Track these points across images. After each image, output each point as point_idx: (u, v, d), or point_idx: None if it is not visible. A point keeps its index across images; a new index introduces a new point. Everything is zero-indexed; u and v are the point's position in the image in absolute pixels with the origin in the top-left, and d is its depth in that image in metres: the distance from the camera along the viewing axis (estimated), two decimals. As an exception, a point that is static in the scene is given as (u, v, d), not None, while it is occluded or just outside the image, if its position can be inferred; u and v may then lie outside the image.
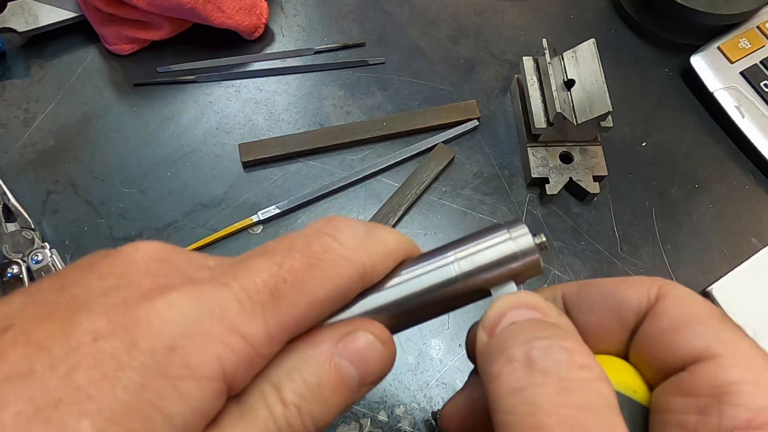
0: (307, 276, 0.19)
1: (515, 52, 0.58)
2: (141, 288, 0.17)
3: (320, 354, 0.19)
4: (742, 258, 0.50)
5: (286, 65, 0.57)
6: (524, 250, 0.21)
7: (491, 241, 0.22)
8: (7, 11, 0.53)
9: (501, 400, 0.18)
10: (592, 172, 0.51)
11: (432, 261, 0.22)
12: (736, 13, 0.54)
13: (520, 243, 0.21)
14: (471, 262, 0.21)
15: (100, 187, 0.51)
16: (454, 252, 0.22)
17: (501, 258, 0.21)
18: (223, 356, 0.16)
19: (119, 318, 0.16)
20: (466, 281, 0.21)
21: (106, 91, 0.55)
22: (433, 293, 0.21)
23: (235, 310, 0.17)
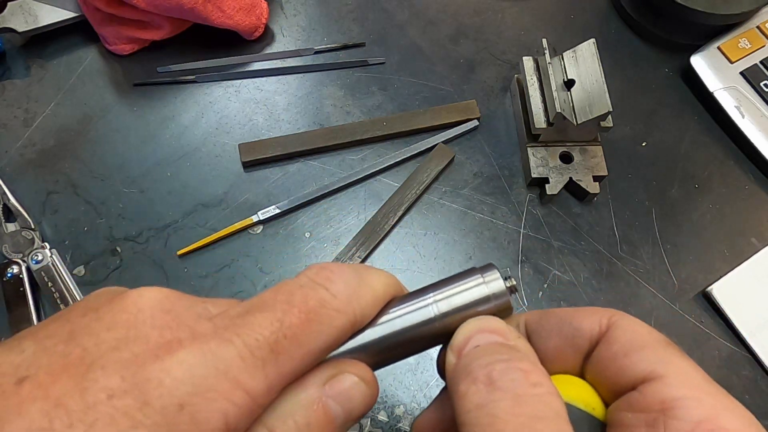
0: (305, 331, 0.20)
1: (515, 52, 0.58)
2: (149, 343, 0.18)
3: (309, 396, 0.21)
4: (742, 258, 0.50)
5: (286, 65, 0.57)
6: (496, 294, 0.24)
7: (466, 285, 0.24)
8: (7, 11, 0.53)
9: (467, 415, 0.20)
10: (592, 172, 0.51)
11: (413, 302, 0.24)
12: (736, 13, 0.54)
13: (492, 287, 0.24)
14: (448, 304, 0.24)
15: (100, 187, 0.51)
16: (433, 294, 0.24)
17: (475, 300, 0.24)
18: (227, 411, 0.18)
19: (131, 375, 0.17)
20: (443, 321, 0.24)
21: (106, 91, 0.55)
22: (412, 332, 0.24)
23: (238, 366, 0.18)
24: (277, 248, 0.49)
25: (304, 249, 0.49)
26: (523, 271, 0.49)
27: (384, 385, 0.45)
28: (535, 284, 0.49)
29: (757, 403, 0.45)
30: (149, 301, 0.20)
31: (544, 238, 0.50)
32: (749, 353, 0.47)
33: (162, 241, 0.49)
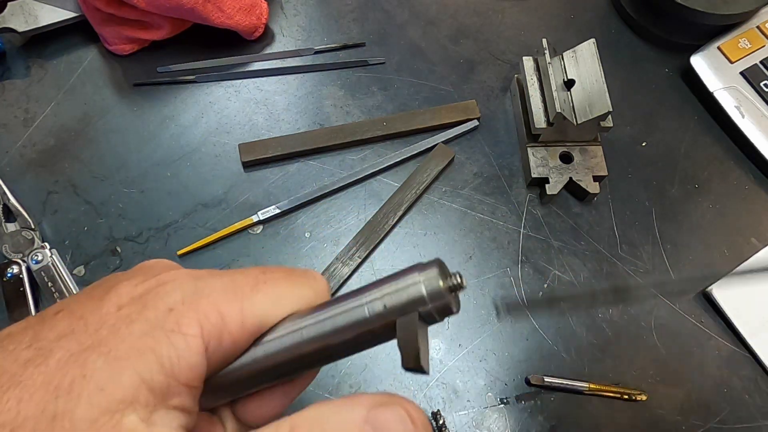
0: (282, 284, 0.23)
1: (515, 52, 0.58)
2: (154, 272, 0.23)
3: (352, 414, 0.20)
4: (742, 258, 0.50)
5: (286, 65, 0.57)
6: (432, 294, 0.22)
7: (403, 283, 0.23)
8: (7, 11, 0.53)
9: None
10: (592, 172, 0.51)
11: (347, 302, 0.23)
12: (736, 13, 0.54)
13: (428, 286, 0.22)
14: (381, 305, 0.22)
15: (100, 187, 0.51)
16: (369, 294, 0.23)
17: (410, 301, 0.22)
18: (203, 323, 0.21)
19: (138, 291, 0.22)
20: (377, 322, 0.22)
21: (106, 91, 0.55)
22: (346, 332, 0.23)
23: (219, 293, 0.22)
24: (277, 248, 0.49)
25: (304, 249, 0.49)
26: (523, 271, 0.49)
27: (384, 384, 0.45)
28: (535, 284, 0.49)
29: (757, 404, 0.46)
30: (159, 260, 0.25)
31: (544, 238, 0.50)
32: (749, 353, 0.47)
33: (162, 241, 0.49)
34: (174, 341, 0.20)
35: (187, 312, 0.21)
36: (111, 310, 0.21)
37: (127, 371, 0.19)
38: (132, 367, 0.20)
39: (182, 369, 0.20)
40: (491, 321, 0.47)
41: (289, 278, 0.24)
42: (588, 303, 0.48)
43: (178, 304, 0.21)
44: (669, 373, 0.46)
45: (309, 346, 0.23)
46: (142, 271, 0.24)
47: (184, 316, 0.21)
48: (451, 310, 0.23)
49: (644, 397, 0.45)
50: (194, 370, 0.21)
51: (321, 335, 0.23)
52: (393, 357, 0.46)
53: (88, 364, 0.19)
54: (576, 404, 0.45)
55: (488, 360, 0.46)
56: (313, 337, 0.23)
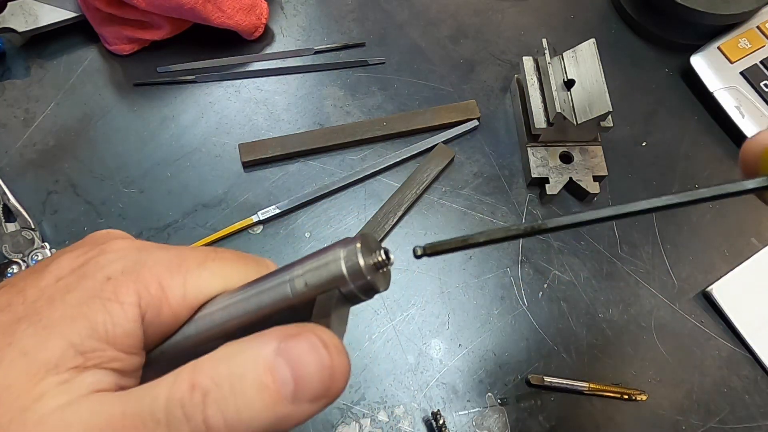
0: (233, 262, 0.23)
1: (515, 52, 0.58)
2: (99, 242, 0.23)
3: (262, 349, 0.19)
4: (742, 258, 0.50)
5: (286, 65, 0.57)
6: (353, 272, 0.21)
7: (324, 260, 0.21)
8: (7, 11, 0.53)
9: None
10: (592, 172, 0.50)
11: (273, 278, 0.22)
12: (736, 13, 0.54)
13: (348, 263, 0.21)
14: (303, 282, 0.21)
15: (100, 187, 0.51)
16: (292, 270, 0.22)
17: (330, 279, 0.21)
18: (141, 293, 0.21)
19: (79, 261, 0.22)
20: (299, 300, 0.21)
21: (106, 91, 0.55)
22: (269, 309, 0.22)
23: (163, 265, 0.22)
24: (277, 248, 0.49)
25: (304, 249, 0.49)
26: (523, 271, 0.49)
27: (384, 384, 0.45)
28: (536, 284, 0.49)
29: (757, 403, 0.45)
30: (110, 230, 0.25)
31: (544, 238, 0.50)
32: (749, 353, 0.47)
33: (162, 241, 0.49)
34: (109, 308, 0.20)
35: (125, 281, 0.21)
36: (50, 282, 0.21)
37: (54, 337, 0.19)
38: (60, 333, 0.19)
39: (117, 335, 0.20)
40: (491, 321, 0.47)
41: (239, 260, 0.23)
42: (588, 303, 0.48)
43: (117, 274, 0.21)
44: (669, 373, 0.46)
45: (234, 322, 0.22)
46: (88, 241, 0.24)
47: (122, 285, 0.21)
48: (375, 289, 0.21)
49: (644, 397, 0.45)
50: (130, 337, 0.20)
51: (246, 312, 0.22)
52: (393, 357, 0.46)
53: (17, 333, 0.19)
54: (576, 404, 0.45)
55: (488, 360, 0.46)
56: (238, 314, 0.22)
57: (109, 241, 0.23)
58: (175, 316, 0.22)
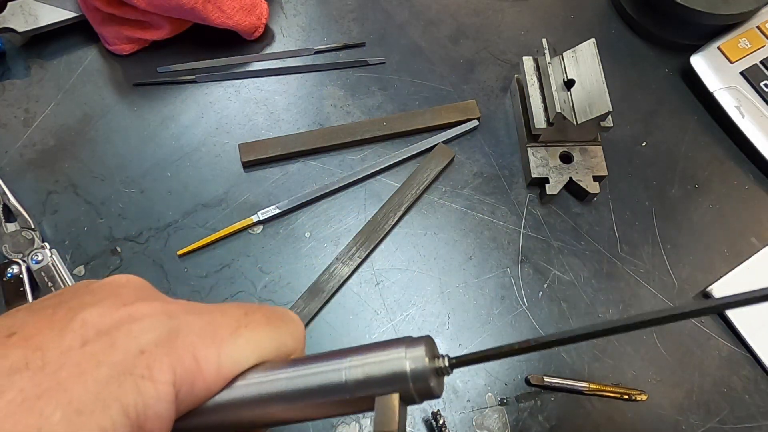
0: (265, 326, 0.22)
1: (515, 52, 0.58)
2: (124, 299, 0.21)
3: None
4: (742, 258, 0.50)
5: (286, 65, 0.57)
6: (416, 374, 0.21)
7: (386, 356, 0.21)
8: (7, 11, 0.53)
9: None
10: (592, 172, 0.51)
11: (326, 363, 0.22)
12: (736, 13, 0.54)
13: (413, 364, 0.21)
14: (362, 372, 0.21)
15: (100, 187, 0.51)
16: (350, 359, 0.22)
17: (390, 375, 0.21)
18: (176, 368, 0.20)
19: (106, 323, 0.20)
20: (354, 391, 0.21)
21: (106, 91, 0.55)
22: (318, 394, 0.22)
23: (196, 336, 0.21)
24: (277, 248, 0.49)
25: (304, 249, 0.49)
26: (523, 271, 0.49)
27: (384, 385, 0.45)
28: (535, 284, 0.49)
29: (757, 403, 0.46)
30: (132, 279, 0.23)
31: (544, 238, 0.50)
32: (749, 353, 0.47)
33: (162, 241, 0.49)
34: (143, 389, 0.19)
35: (159, 356, 0.20)
36: (74, 345, 0.19)
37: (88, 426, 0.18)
38: (95, 422, 0.18)
39: (149, 418, 0.19)
40: (491, 321, 0.47)
41: (270, 323, 0.23)
42: (588, 303, 0.48)
43: (150, 346, 0.20)
44: (669, 373, 0.46)
45: (277, 401, 0.22)
46: (111, 292, 0.22)
47: (156, 360, 0.20)
48: (433, 395, 0.21)
49: (644, 397, 0.45)
50: (161, 419, 0.20)
51: (291, 392, 0.22)
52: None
53: (45, 414, 0.17)
54: (576, 404, 0.45)
55: (488, 360, 0.46)
56: (283, 392, 0.22)
57: (136, 295, 0.22)
58: (209, 389, 0.21)
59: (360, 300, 0.47)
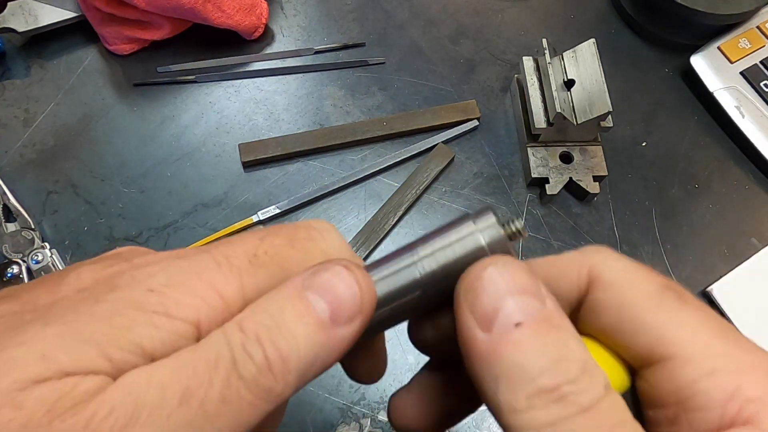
0: (285, 254, 0.20)
1: (515, 52, 0.58)
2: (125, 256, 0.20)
3: (286, 288, 0.19)
4: (742, 258, 0.50)
5: (286, 65, 0.57)
6: (493, 243, 0.19)
7: (456, 236, 0.20)
8: (7, 11, 0.53)
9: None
10: (592, 172, 0.50)
11: (394, 262, 0.20)
12: (736, 13, 0.54)
13: (487, 234, 0.19)
14: (435, 261, 0.20)
15: (100, 187, 0.51)
16: (416, 251, 0.20)
17: (467, 255, 0.19)
18: (199, 306, 0.18)
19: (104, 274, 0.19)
20: (432, 282, 0.20)
21: (106, 91, 0.55)
22: (397, 298, 0.20)
23: (213, 270, 0.18)
24: (277, 248, 0.49)
25: (304, 249, 0.49)
26: (523, 271, 0.49)
27: (384, 385, 0.45)
28: (535, 284, 0.49)
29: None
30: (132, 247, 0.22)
31: (544, 238, 0.50)
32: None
33: (162, 241, 0.49)
34: (158, 323, 0.17)
35: (173, 294, 0.18)
36: (69, 292, 0.18)
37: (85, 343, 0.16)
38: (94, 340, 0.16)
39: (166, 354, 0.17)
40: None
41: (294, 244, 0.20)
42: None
43: (160, 287, 0.18)
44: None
45: None
46: (111, 255, 0.20)
47: (170, 298, 0.17)
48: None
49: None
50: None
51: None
52: (393, 357, 0.46)
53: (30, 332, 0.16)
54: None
55: (488, 360, 0.46)
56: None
57: (139, 257, 0.20)
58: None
59: (360, 300, 0.47)
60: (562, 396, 0.17)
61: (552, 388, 0.17)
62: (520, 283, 0.18)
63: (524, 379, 0.17)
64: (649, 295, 0.19)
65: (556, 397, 0.17)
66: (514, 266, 0.19)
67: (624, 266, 0.19)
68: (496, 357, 0.18)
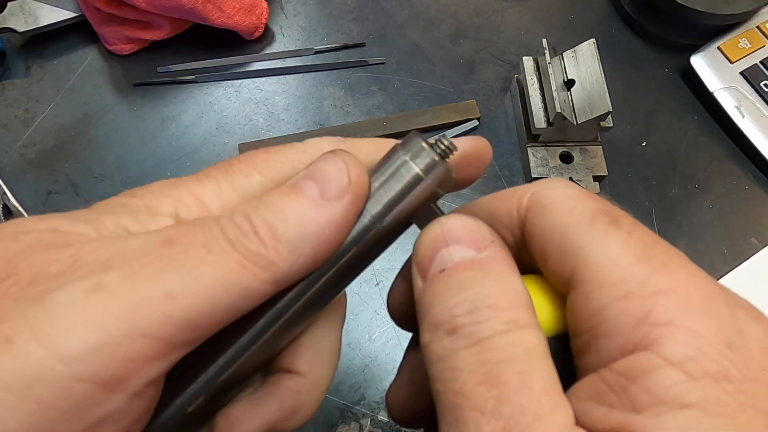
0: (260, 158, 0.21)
1: (515, 52, 0.58)
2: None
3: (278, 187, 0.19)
4: (742, 258, 0.50)
5: (286, 65, 0.57)
6: (427, 167, 0.20)
7: (391, 171, 0.20)
8: (7, 11, 0.53)
9: (431, 368, 0.17)
10: (592, 172, 0.50)
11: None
12: (736, 13, 0.54)
13: (420, 161, 0.20)
14: (377, 202, 0.20)
15: (100, 187, 0.51)
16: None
17: (407, 185, 0.20)
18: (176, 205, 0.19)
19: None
20: (381, 224, 0.20)
21: (106, 91, 0.55)
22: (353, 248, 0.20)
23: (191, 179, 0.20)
24: (277, 248, 0.49)
25: (304, 249, 0.49)
26: (523, 271, 0.49)
27: (384, 384, 0.45)
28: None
29: (757, 403, 0.45)
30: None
31: (544, 238, 0.50)
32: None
33: (162, 241, 0.49)
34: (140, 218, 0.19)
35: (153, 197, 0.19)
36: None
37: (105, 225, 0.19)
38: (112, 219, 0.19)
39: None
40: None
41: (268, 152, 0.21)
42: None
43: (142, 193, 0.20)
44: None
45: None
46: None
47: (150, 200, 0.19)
48: (453, 177, 0.20)
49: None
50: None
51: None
52: (393, 357, 0.46)
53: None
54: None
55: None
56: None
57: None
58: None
59: (360, 300, 0.47)
60: (454, 328, 0.17)
61: (445, 320, 0.17)
62: (456, 234, 0.19)
63: (428, 314, 0.18)
64: (580, 218, 0.18)
65: (448, 329, 0.17)
66: (453, 220, 0.20)
67: (564, 192, 0.19)
68: (421, 301, 0.19)
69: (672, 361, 0.15)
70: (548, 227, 0.18)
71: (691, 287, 0.16)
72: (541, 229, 0.19)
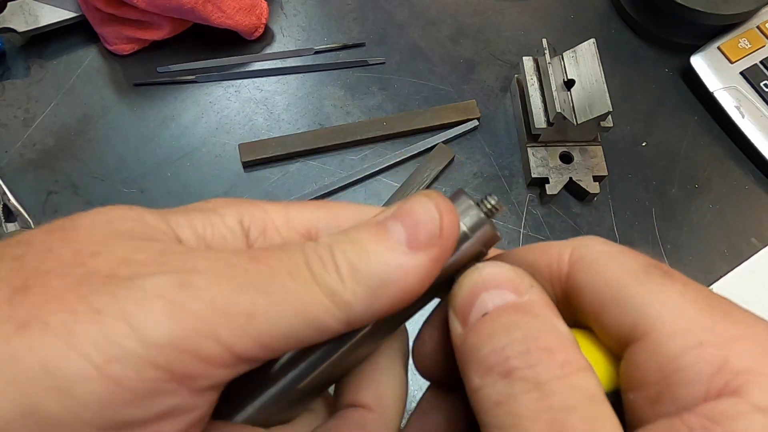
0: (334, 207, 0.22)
1: (515, 52, 0.58)
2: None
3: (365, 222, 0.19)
4: (742, 258, 0.50)
5: (286, 65, 0.57)
6: (473, 226, 0.20)
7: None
8: (7, 11, 0.53)
9: (486, 414, 0.17)
10: (592, 172, 0.50)
11: None
12: (736, 13, 0.54)
13: (467, 220, 0.20)
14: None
15: (100, 187, 0.51)
16: None
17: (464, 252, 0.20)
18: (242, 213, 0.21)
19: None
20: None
21: (106, 91, 0.55)
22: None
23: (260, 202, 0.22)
24: (277, 248, 0.49)
25: (304, 249, 0.49)
26: (523, 271, 0.49)
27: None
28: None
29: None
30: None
31: (544, 238, 0.50)
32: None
33: (162, 241, 0.49)
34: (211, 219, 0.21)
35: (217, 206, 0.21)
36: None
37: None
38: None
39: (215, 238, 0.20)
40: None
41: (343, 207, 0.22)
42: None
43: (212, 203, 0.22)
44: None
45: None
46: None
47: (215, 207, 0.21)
48: (497, 236, 0.20)
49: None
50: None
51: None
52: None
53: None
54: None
55: (488, 360, 0.46)
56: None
57: None
58: (283, 239, 0.21)
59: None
60: (508, 371, 0.17)
61: (497, 363, 0.17)
62: (495, 279, 0.19)
63: (476, 358, 0.18)
64: (633, 272, 0.18)
65: (501, 371, 0.17)
66: (490, 266, 0.19)
67: (607, 248, 0.19)
68: (464, 346, 0.18)
69: (759, 407, 0.15)
70: (601, 282, 0.18)
71: (759, 334, 0.17)
72: (593, 283, 0.19)
